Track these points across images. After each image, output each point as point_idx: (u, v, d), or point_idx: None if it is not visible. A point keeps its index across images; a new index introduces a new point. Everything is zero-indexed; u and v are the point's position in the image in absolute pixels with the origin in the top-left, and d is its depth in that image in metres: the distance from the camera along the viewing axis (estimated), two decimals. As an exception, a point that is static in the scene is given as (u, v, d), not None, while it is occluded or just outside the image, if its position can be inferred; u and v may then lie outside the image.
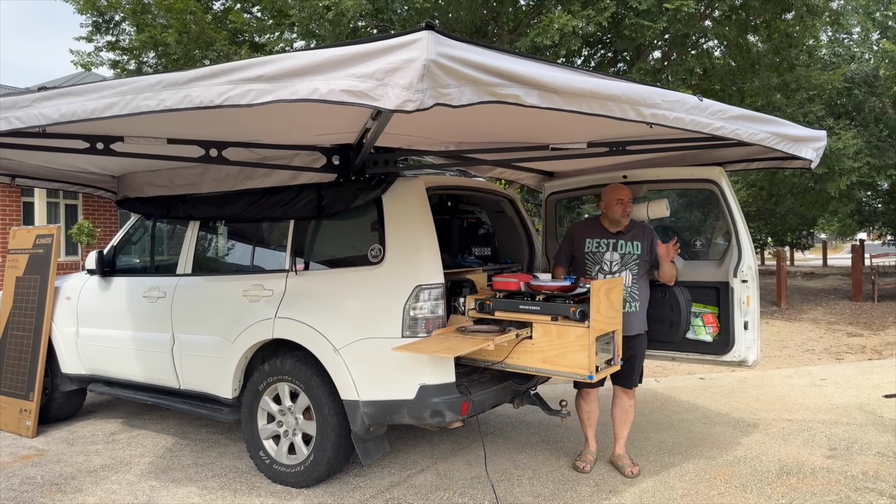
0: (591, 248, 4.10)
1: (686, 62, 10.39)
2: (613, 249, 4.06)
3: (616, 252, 4.05)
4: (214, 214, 4.56)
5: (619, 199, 4.03)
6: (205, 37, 9.72)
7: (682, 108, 2.62)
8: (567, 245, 4.25)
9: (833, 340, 9.22)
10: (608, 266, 4.05)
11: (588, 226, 4.23)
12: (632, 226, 4.09)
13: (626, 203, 4.03)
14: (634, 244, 4.05)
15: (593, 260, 4.09)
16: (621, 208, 4.01)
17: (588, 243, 4.11)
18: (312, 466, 3.91)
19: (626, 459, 4.15)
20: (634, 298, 4.02)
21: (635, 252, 4.03)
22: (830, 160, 11.02)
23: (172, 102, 2.17)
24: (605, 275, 4.03)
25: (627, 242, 4.05)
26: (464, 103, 1.98)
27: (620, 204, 4.02)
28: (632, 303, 4.00)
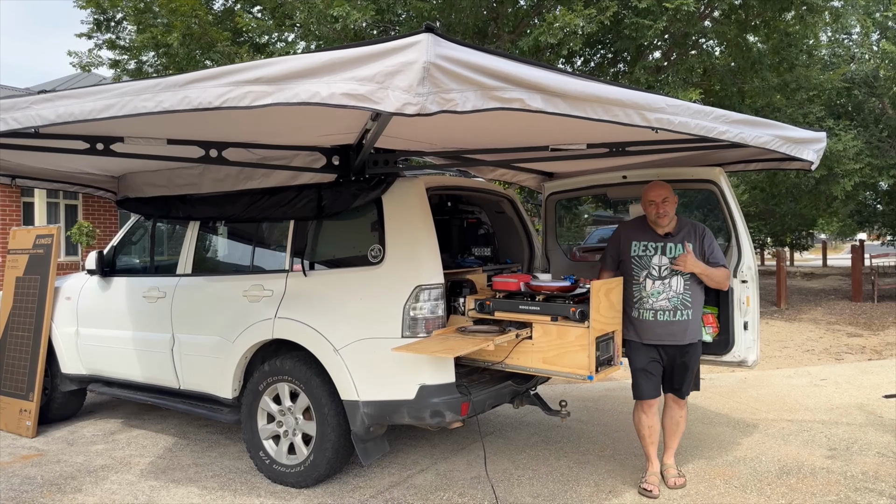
0: (639, 252, 3.79)
1: (687, 61, 10.39)
2: (662, 253, 3.75)
3: (665, 256, 3.74)
4: (214, 215, 4.56)
5: (650, 200, 3.76)
6: (207, 38, 9.72)
7: (686, 113, 2.62)
8: (613, 247, 3.93)
9: (833, 340, 9.22)
10: (657, 271, 3.75)
11: (636, 227, 3.89)
12: (682, 226, 3.80)
13: (658, 204, 3.73)
14: (685, 247, 3.74)
15: (640, 264, 3.78)
16: (654, 210, 3.74)
17: (635, 246, 3.81)
18: (312, 466, 3.91)
19: (673, 470, 3.97)
20: (686, 306, 3.73)
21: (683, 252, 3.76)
22: (831, 161, 11.02)
23: (171, 104, 2.17)
24: (654, 280, 3.74)
25: (677, 245, 3.74)
26: (468, 109, 1.97)
27: (653, 205, 3.74)
28: (683, 311, 3.72)
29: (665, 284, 3.73)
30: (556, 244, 5.10)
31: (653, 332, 3.74)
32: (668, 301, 3.72)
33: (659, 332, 3.73)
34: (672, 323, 3.72)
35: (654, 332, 3.74)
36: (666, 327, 3.73)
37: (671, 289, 3.72)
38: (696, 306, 3.79)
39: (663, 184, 3.79)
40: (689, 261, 3.65)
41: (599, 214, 15.65)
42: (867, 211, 19.14)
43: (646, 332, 3.76)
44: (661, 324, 3.73)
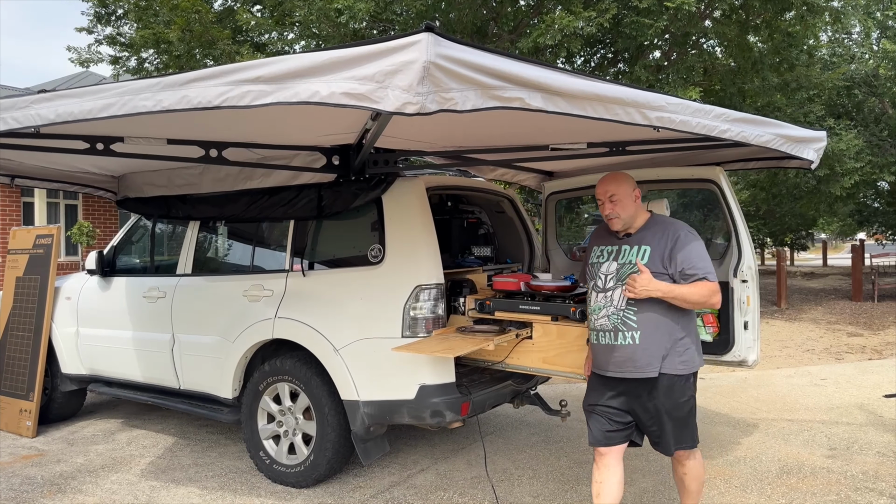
0: (594, 258, 3.07)
1: (687, 61, 10.39)
2: (614, 258, 2.96)
3: (615, 262, 2.95)
4: (214, 214, 4.56)
5: (597, 197, 3.05)
6: (207, 35, 9.72)
7: (686, 112, 2.62)
8: (586, 257, 3.26)
9: (833, 340, 9.22)
10: (602, 281, 2.96)
11: (603, 229, 3.16)
12: (651, 225, 2.99)
13: (605, 202, 2.98)
14: (642, 251, 2.89)
15: (592, 273, 3.05)
16: (602, 209, 3.02)
17: (595, 252, 3.09)
18: (312, 466, 3.91)
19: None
20: (629, 326, 2.84)
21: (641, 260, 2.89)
22: (831, 161, 11.02)
23: (170, 103, 2.17)
24: (597, 292, 2.96)
25: (633, 249, 2.92)
26: (468, 108, 1.96)
27: (600, 204, 3.03)
28: (625, 332, 2.85)
29: (607, 298, 2.92)
30: (557, 244, 5.10)
31: (597, 358, 2.99)
32: (608, 319, 2.90)
33: (601, 359, 2.96)
34: (612, 348, 2.89)
35: (598, 358, 2.99)
36: (606, 353, 2.92)
37: (612, 303, 2.90)
38: (652, 328, 2.83)
39: (614, 176, 3.02)
40: (639, 282, 2.77)
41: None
42: (867, 210, 19.15)
43: (594, 358, 3.03)
44: (601, 348, 2.94)
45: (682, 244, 2.83)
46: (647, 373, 2.84)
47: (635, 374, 2.85)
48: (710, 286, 2.80)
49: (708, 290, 2.80)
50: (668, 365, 2.84)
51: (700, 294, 2.79)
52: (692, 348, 2.92)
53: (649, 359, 2.83)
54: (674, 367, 2.84)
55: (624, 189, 2.95)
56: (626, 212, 2.94)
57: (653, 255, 2.86)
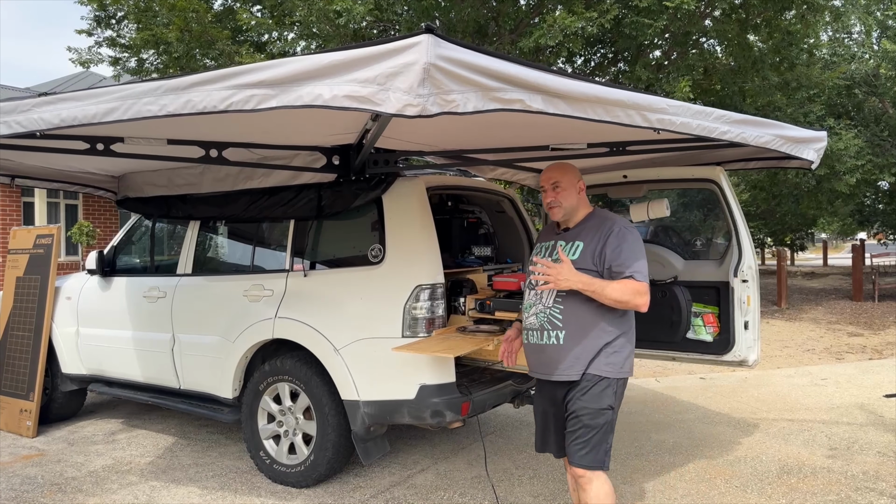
0: (534, 255, 2.94)
1: (688, 59, 10.39)
2: (548, 254, 2.81)
3: (550, 258, 2.77)
4: (214, 214, 4.56)
5: (541, 185, 2.87)
6: (206, 36, 9.72)
7: (687, 114, 2.62)
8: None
9: (833, 340, 9.22)
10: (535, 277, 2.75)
11: (549, 225, 3.02)
12: (588, 220, 2.80)
13: (548, 190, 2.80)
14: (575, 247, 2.73)
15: (527, 269, 2.89)
16: (544, 198, 2.84)
17: (535, 248, 2.96)
18: (313, 466, 3.91)
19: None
20: (555, 325, 2.68)
21: (570, 257, 2.70)
22: (832, 160, 11.03)
23: (174, 108, 2.16)
24: (530, 290, 2.80)
25: (568, 245, 2.76)
26: (469, 110, 1.97)
27: (543, 192, 2.85)
28: (550, 332, 2.69)
29: (537, 295, 2.77)
30: (557, 244, 5.09)
31: (528, 359, 2.86)
32: (536, 317, 2.75)
33: (530, 359, 2.84)
34: (539, 348, 2.74)
35: (528, 359, 2.85)
36: (534, 354, 2.79)
37: (541, 300, 2.75)
38: (578, 327, 2.65)
39: (560, 165, 2.87)
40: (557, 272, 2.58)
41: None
42: (867, 210, 19.16)
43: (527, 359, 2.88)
44: (530, 348, 2.82)
45: (614, 240, 2.66)
46: (568, 375, 2.67)
47: (558, 376, 2.69)
48: (635, 285, 2.59)
49: (632, 289, 2.58)
50: (594, 368, 2.65)
51: (623, 292, 2.58)
52: (623, 353, 2.69)
53: (573, 361, 2.65)
54: (598, 368, 2.65)
55: (569, 178, 2.80)
56: (569, 202, 2.78)
57: (584, 252, 2.69)
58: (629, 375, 2.75)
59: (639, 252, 2.66)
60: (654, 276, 4.33)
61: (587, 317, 2.65)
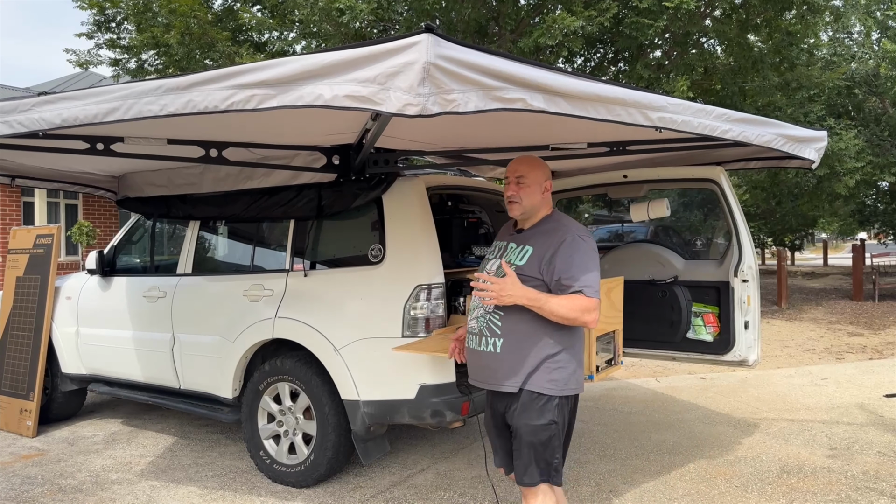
0: (487, 254, 2.78)
1: (688, 59, 10.39)
2: (499, 256, 2.64)
3: (500, 260, 2.60)
4: (214, 214, 4.56)
5: (506, 176, 2.67)
6: (206, 37, 9.72)
7: (688, 112, 2.62)
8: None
9: (834, 340, 9.22)
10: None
11: (508, 224, 2.82)
12: (543, 223, 2.62)
13: (511, 182, 2.61)
14: (524, 251, 2.55)
15: (480, 269, 2.71)
16: (505, 191, 2.65)
17: (491, 247, 2.80)
18: (313, 466, 3.91)
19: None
20: (494, 332, 2.51)
21: (516, 262, 2.54)
22: (832, 160, 11.03)
23: (175, 108, 2.16)
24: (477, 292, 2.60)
25: (517, 248, 2.59)
26: (470, 110, 1.96)
27: (506, 185, 2.65)
28: (489, 338, 2.52)
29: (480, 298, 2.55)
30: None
31: (468, 364, 2.70)
32: (476, 321, 2.59)
33: (469, 364, 2.69)
34: (477, 354, 2.59)
35: (468, 364, 2.70)
36: (472, 359, 2.64)
37: (481, 304, 2.56)
38: (516, 338, 2.47)
39: (530, 159, 2.67)
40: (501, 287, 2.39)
41: (600, 214, 15.65)
42: (868, 210, 19.16)
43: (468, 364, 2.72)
44: (469, 353, 2.67)
45: (566, 250, 2.45)
46: (503, 386, 2.49)
47: (493, 385, 2.54)
48: (583, 302, 2.39)
49: (580, 306, 2.39)
50: (533, 381, 2.46)
51: (570, 309, 2.38)
52: (568, 368, 2.49)
53: (508, 372, 2.48)
54: (539, 384, 2.45)
55: (535, 175, 2.60)
56: (530, 200, 2.59)
57: (532, 258, 2.50)
58: (577, 392, 2.55)
59: (591, 264, 2.46)
60: (654, 276, 4.34)
61: (528, 327, 2.45)
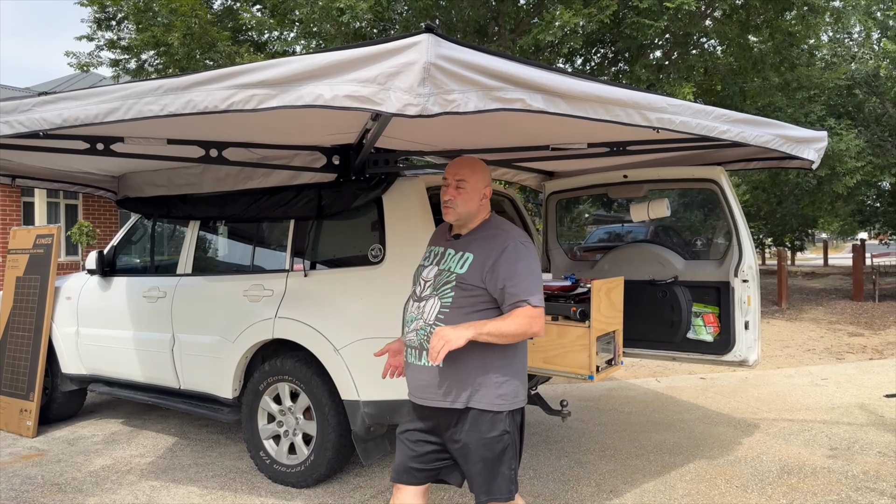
0: (422, 260, 2.60)
1: (688, 60, 10.39)
2: (436, 263, 2.49)
3: (437, 267, 2.47)
4: (214, 214, 4.56)
5: (444, 177, 2.49)
6: (207, 37, 9.72)
7: (687, 112, 2.62)
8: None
9: (834, 340, 9.22)
10: (420, 288, 2.49)
11: (442, 227, 2.66)
12: (482, 229, 2.48)
13: (450, 186, 2.45)
14: (464, 259, 2.41)
15: (415, 278, 2.57)
16: (443, 194, 2.48)
17: (425, 253, 2.63)
18: (313, 466, 3.91)
19: None
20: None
21: (456, 270, 2.40)
22: (832, 160, 11.02)
23: (176, 107, 2.16)
24: (414, 301, 2.49)
25: (456, 255, 2.45)
26: (470, 110, 1.96)
27: (444, 188, 2.48)
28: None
29: (419, 309, 2.44)
30: (557, 244, 5.10)
31: (406, 378, 2.55)
32: (416, 334, 2.43)
33: (408, 379, 2.53)
34: (418, 369, 2.45)
35: (407, 378, 2.55)
36: (412, 374, 2.48)
37: (422, 316, 2.42)
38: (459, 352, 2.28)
39: (472, 162, 2.50)
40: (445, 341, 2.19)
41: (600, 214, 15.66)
42: (868, 210, 19.16)
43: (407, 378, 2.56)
44: (408, 367, 2.51)
45: (509, 258, 2.34)
46: (447, 402, 2.37)
47: (437, 402, 2.39)
48: (528, 313, 2.29)
49: (527, 319, 2.29)
50: (480, 398, 2.36)
51: (518, 325, 2.28)
52: (514, 382, 2.40)
53: (451, 387, 2.36)
54: (488, 401, 2.35)
55: (476, 180, 2.45)
56: (467, 206, 2.44)
57: (474, 265, 2.37)
58: (524, 405, 2.48)
59: (535, 271, 2.37)
60: (655, 276, 4.34)
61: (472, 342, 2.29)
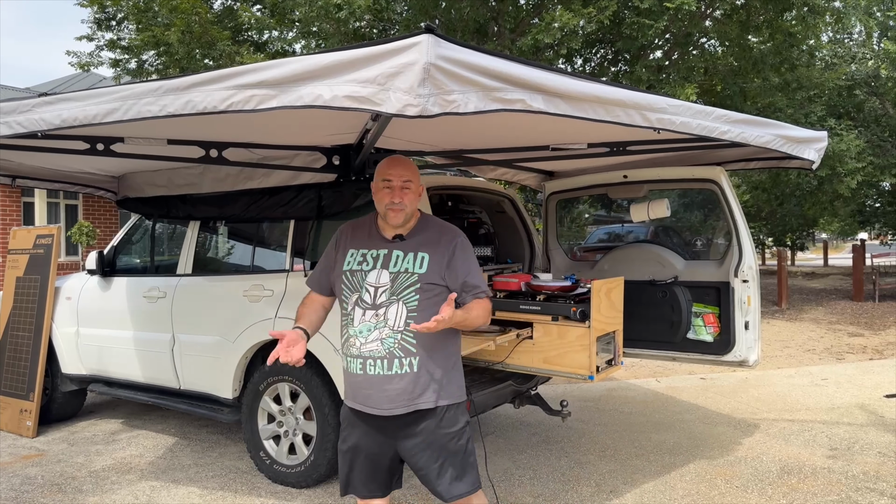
0: (353, 265, 2.45)
1: (688, 61, 10.39)
2: (384, 266, 2.40)
3: (387, 270, 2.39)
4: (214, 214, 4.56)
5: (385, 179, 2.42)
6: (207, 36, 9.73)
7: (688, 113, 2.63)
8: (326, 259, 2.59)
9: (834, 340, 9.22)
10: (371, 295, 2.38)
11: (359, 228, 2.57)
12: (424, 227, 2.50)
13: (396, 189, 2.40)
14: (418, 258, 2.40)
15: (350, 285, 2.43)
16: (388, 196, 2.41)
17: (350, 256, 2.48)
18: (313, 467, 3.91)
19: None
20: (407, 350, 2.34)
21: (416, 271, 2.38)
22: (832, 161, 11.02)
23: (175, 108, 2.16)
24: (364, 309, 2.37)
25: (407, 255, 2.41)
26: (470, 111, 1.96)
27: (387, 189, 2.41)
28: (404, 359, 2.33)
29: (378, 316, 2.36)
30: (557, 244, 5.10)
31: (360, 392, 2.39)
32: (381, 343, 2.35)
33: (365, 393, 2.38)
34: (387, 379, 2.34)
35: (361, 392, 2.39)
36: (376, 386, 2.36)
37: (386, 323, 2.35)
38: (430, 351, 2.37)
39: (409, 162, 2.49)
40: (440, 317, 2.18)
41: (600, 214, 15.66)
42: (868, 211, 19.15)
43: (354, 391, 2.42)
44: (370, 380, 2.36)
45: (462, 253, 2.44)
46: (421, 404, 2.36)
47: (410, 406, 2.35)
48: (487, 305, 2.44)
49: (488, 310, 2.45)
50: (448, 393, 2.41)
51: (483, 316, 2.41)
52: (461, 371, 2.52)
53: (424, 387, 2.36)
54: (452, 393, 2.43)
55: (417, 179, 2.47)
56: (412, 206, 2.44)
57: (432, 264, 2.39)
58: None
59: (477, 264, 2.51)
60: (655, 277, 4.34)
61: (437, 338, 2.36)
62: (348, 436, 2.48)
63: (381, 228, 2.49)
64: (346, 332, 2.43)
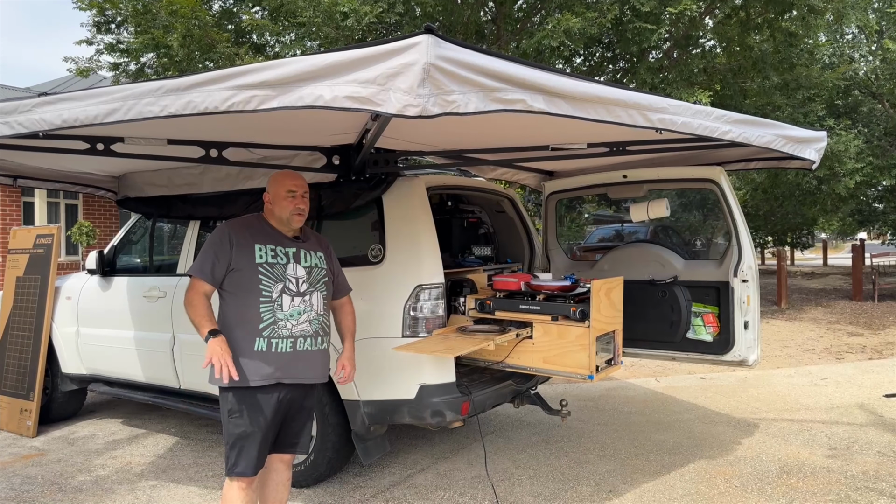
0: (269, 258, 2.84)
1: (690, 63, 10.39)
2: (297, 262, 2.89)
3: (300, 265, 2.90)
4: (215, 214, 4.56)
5: (289, 190, 2.88)
6: (207, 39, 9.72)
7: (688, 113, 2.63)
8: (222, 251, 2.81)
9: (833, 340, 9.22)
10: (294, 284, 2.86)
11: (252, 226, 2.93)
12: (307, 232, 3.07)
13: (299, 197, 2.90)
14: (318, 256, 2.99)
15: (272, 274, 2.82)
16: (292, 204, 2.89)
17: (262, 251, 2.84)
18: (313, 466, 3.92)
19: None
20: (325, 331, 2.97)
21: (324, 266, 3.00)
22: (831, 161, 11.02)
23: (176, 108, 2.16)
24: (292, 296, 2.84)
25: (311, 253, 2.96)
26: (470, 111, 1.96)
27: (291, 198, 2.89)
28: (323, 337, 2.95)
29: (306, 302, 2.88)
30: (557, 243, 5.10)
31: (290, 366, 2.83)
32: (310, 324, 2.88)
33: (298, 366, 2.85)
34: (311, 354, 2.90)
35: (291, 366, 2.83)
36: (308, 359, 2.88)
37: (312, 308, 2.90)
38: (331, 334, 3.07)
39: (300, 175, 3.01)
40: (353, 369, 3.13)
41: (600, 214, 15.65)
42: (867, 210, 19.15)
43: (280, 367, 2.81)
44: (301, 355, 2.85)
45: (333, 253, 3.13)
46: (325, 377, 2.99)
47: (321, 378, 2.97)
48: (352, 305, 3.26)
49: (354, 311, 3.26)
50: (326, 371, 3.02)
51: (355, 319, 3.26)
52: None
53: (326, 364, 3.01)
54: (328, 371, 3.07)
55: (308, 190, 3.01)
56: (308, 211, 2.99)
57: (326, 261, 3.04)
58: None
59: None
60: (654, 276, 4.34)
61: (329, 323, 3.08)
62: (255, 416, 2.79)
63: (277, 228, 2.94)
64: (271, 317, 2.80)
